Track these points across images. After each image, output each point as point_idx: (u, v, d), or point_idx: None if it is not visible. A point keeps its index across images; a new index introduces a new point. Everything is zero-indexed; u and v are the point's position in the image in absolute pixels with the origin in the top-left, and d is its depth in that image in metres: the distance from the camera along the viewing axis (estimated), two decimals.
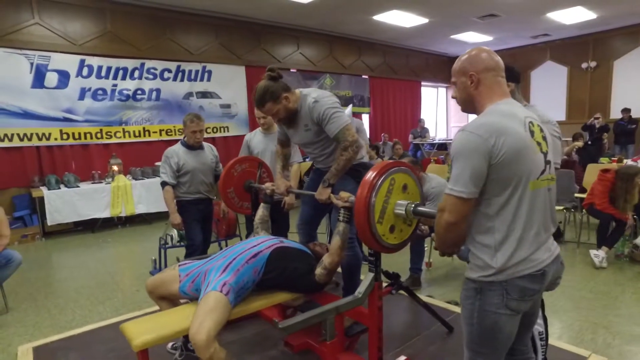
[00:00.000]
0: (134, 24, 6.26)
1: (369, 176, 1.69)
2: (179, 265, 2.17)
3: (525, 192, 1.27)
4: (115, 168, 5.82)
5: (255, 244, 2.09)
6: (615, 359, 2.29)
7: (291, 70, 8.38)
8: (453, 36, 9.29)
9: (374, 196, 1.67)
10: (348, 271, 2.35)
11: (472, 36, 9.32)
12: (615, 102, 9.55)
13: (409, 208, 1.73)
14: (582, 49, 9.85)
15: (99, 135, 6.04)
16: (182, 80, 6.83)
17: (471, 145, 1.24)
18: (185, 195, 3.18)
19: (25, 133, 5.46)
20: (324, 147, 2.30)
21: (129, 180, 5.81)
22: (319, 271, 2.06)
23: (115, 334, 2.47)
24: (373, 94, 10.05)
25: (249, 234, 3.04)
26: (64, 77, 5.69)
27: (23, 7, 5.40)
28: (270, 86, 2.13)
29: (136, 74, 6.30)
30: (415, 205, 1.73)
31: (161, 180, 3.15)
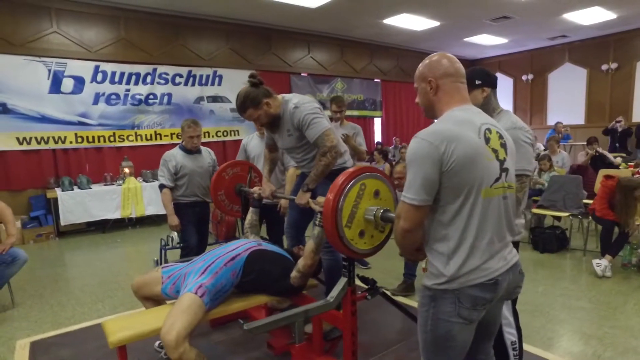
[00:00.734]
0: (147, 31, 6.47)
1: (338, 180, 1.72)
2: (162, 267, 2.25)
3: (477, 200, 1.26)
4: (126, 170, 6.01)
5: (234, 247, 2.14)
6: None
7: (302, 74, 8.46)
8: (466, 39, 9.17)
9: (341, 200, 1.69)
10: (329, 275, 2.37)
11: (487, 39, 9.18)
12: (638, 105, 9.22)
13: (377, 214, 1.74)
14: (603, 50, 9.55)
15: (112, 138, 6.25)
16: (193, 85, 7.00)
17: (422, 152, 1.24)
18: (182, 198, 3.27)
19: (42, 137, 5.71)
20: (306, 152, 2.33)
21: (139, 183, 5.98)
22: (294, 274, 2.10)
23: None
24: (385, 97, 10.02)
25: None
26: (79, 83, 5.93)
27: (43, 17, 5.67)
28: (251, 92, 2.17)
29: (148, 79, 6.51)
30: (384, 211, 1.74)
31: (159, 183, 3.25)
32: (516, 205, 1.69)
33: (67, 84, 5.85)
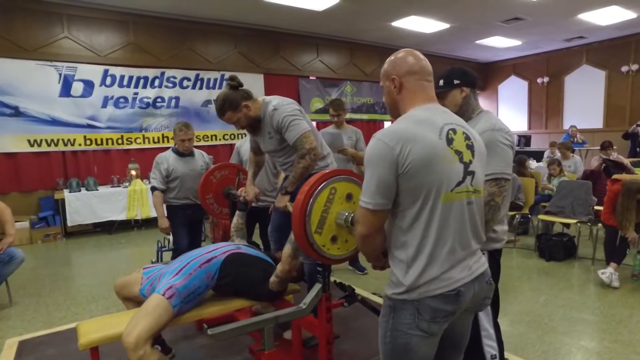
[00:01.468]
0: (155, 35, 6.57)
1: (305, 186, 1.66)
2: (144, 268, 2.23)
3: (436, 205, 1.18)
4: (133, 173, 6.10)
5: (211, 250, 2.11)
6: None
7: (310, 77, 8.44)
8: (478, 41, 8.99)
9: (309, 206, 1.64)
10: (310, 280, 2.31)
11: (499, 41, 8.97)
12: None
13: (348, 218, 1.68)
14: (623, 51, 9.20)
15: (119, 141, 6.36)
16: (201, 88, 7.06)
17: (378, 153, 1.18)
18: (174, 200, 3.27)
19: (52, 139, 5.85)
20: (288, 155, 2.29)
21: (145, 185, 6.06)
22: (272, 279, 2.05)
23: None
24: None
25: None
26: (88, 87, 6.06)
27: (55, 23, 5.82)
28: (230, 95, 2.16)
29: (156, 82, 6.60)
30: (354, 215, 1.68)
31: (150, 185, 3.26)
32: (495, 211, 1.61)
33: (77, 88, 5.98)
